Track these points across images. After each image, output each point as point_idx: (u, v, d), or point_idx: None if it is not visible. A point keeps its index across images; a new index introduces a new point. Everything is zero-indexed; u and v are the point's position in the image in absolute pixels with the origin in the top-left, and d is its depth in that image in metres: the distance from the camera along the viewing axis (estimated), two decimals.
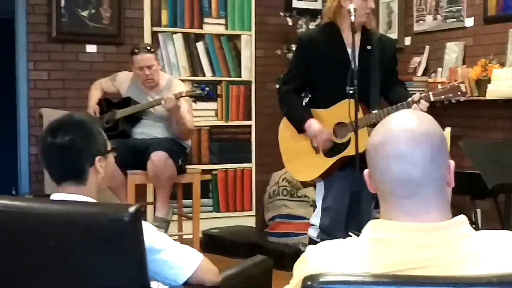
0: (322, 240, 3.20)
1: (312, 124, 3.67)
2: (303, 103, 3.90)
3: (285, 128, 3.88)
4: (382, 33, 3.92)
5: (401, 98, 3.56)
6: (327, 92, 3.68)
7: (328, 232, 3.61)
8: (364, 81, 3.53)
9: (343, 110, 3.57)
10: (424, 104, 3.41)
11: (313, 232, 3.77)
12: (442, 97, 3.48)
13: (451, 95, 3.46)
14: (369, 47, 3.66)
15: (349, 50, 3.63)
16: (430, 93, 3.50)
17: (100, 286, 2.02)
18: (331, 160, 3.67)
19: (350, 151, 3.59)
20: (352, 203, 3.65)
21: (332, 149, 3.67)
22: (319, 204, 3.77)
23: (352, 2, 3.53)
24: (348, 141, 3.62)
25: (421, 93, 3.53)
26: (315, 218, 3.76)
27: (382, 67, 3.69)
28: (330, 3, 3.70)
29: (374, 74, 3.63)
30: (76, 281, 2.04)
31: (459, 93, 3.46)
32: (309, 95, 3.93)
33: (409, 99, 3.49)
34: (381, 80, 3.67)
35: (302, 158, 3.77)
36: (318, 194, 3.81)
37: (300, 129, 3.74)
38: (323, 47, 3.69)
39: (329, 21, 3.73)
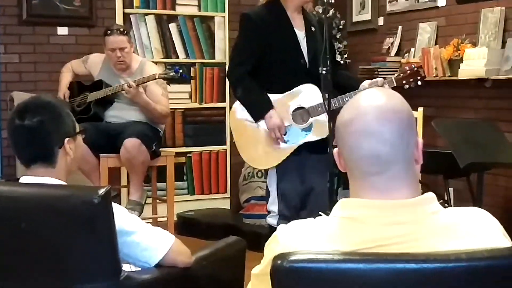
0: None
1: (273, 116, 3.52)
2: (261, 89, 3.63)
3: (238, 113, 3.68)
4: (319, 15, 3.89)
5: (351, 81, 3.62)
6: (281, 76, 3.57)
7: (288, 218, 3.43)
8: (314, 64, 3.43)
9: (301, 94, 3.54)
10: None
11: (272, 220, 3.63)
12: (404, 82, 3.55)
13: (411, 79, 3.56)
14: (313, 29, 3.60)
15: (297, 31, 3.58)
16: (393, 78, 3.56)
17: (71, 268, 2.01)
18: (294, 146, 3.57)
19: (312, 136, 3.55)
20: (311, 185, 3.59)
21: (293, 134, 3.58)
22: (273, 190, 3.63)
23: None
24: (310, 126, 3.57)
25: (384, 79, 3.59)
26: (273, 205, 3.62)
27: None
28: None
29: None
30: (48, 263, 2.03)
31: (418, 77, 3.58)
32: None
33: (368, 83, 3.49)
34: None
35: (259, 145, 3.62)
36: (271, 180, 3.65)
37: (258, 118, 3.58)
38: (272, 27, 3.57)
39: None
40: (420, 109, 4.62)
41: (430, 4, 5.09)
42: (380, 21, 5.66)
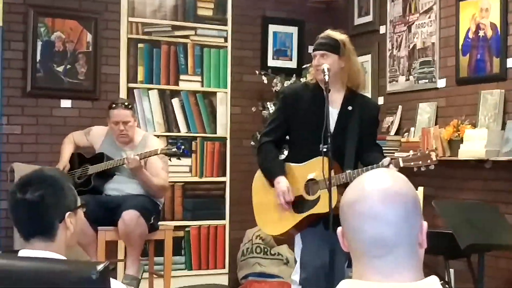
0: None
1: (281, 182, 3.65)
2: (279, 156, 3.85)
3: (258, 179, 3.85)
4: (367, 96, 3.95)
5: (374, 162, 3.51)
6: (304, 147, 3.67)
7: None
8: (340, 141, 3.52)
9: (316, 167, 3.57)
10: (393, 169, 3.38)
11: None
12: (412, 163, 3.44)
13: (420, 162, 3.44)
14: (350, 108, 3.68)
15: (330, 108, 3.64)
16: (400, 159, 3.48)
17: None
18: (299, 217, 3.63)
19: (318, 209, 3.56)
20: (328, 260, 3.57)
21: (302, 205, 3.63)
22: (297, 257, 3.68)
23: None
24: (318, 199, 3.59)
25: (391, 158, 3.51)
26: (295, 274, 3.66)
27: (361, 129, 3.67)
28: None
29: (351, 135, 3.63)
30: None
31: (428, 161, 3.43)
32: (287, 149, 3.91)
33: (380, 163, 3.45)
34: (357, 141, 3.65)
35: (271, 212, 3.72)
36: (296, 247, 3.72)
37: (270, 183, 3.72)
38: (304, 103, 3.71)
39: (313, 78, 3.75)
40: (420, 189, 4.63)
41: (430, 85, 5.15)
42: (380, 100, 5.72)
